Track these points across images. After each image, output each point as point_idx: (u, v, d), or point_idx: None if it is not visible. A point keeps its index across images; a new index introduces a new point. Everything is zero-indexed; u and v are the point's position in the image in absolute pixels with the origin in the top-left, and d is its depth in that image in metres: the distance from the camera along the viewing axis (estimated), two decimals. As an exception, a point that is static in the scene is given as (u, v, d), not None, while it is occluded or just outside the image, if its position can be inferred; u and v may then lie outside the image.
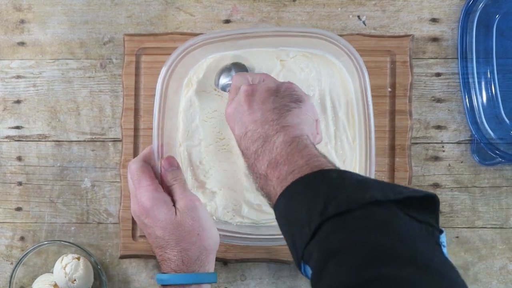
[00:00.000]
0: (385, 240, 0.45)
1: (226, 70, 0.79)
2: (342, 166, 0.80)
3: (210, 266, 0.66)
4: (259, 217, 0.81)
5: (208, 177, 0.81)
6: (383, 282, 0.41)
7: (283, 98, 0.66)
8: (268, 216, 0.80)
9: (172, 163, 0.71)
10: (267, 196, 0.61)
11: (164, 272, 0.67)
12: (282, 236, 0.59)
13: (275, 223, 0.62)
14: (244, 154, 0.66)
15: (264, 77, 0.71)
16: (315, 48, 0.80)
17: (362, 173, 0.77)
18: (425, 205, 0.49)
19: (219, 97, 0.82)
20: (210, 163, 0.81)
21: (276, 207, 0.58)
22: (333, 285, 0.44)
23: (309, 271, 0.50)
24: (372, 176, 0.75)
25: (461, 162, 0.85)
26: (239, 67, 0.78)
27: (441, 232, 0.49)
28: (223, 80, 0.79)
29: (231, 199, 0.81)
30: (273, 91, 0.67)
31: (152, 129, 0.83)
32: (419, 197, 0.49)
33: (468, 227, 0.85)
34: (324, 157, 0.59)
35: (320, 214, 0.49)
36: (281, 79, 0.81)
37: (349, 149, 0.80)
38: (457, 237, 0.85)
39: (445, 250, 0.49)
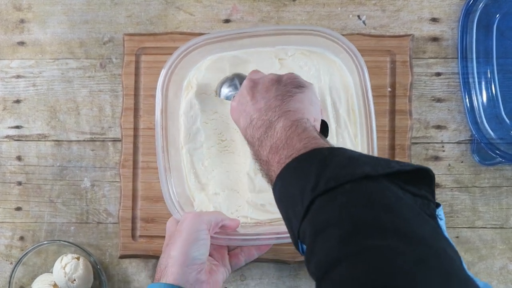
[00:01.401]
0: (371, 212, 0.45)
1: (228, 80, 0.79)
2: None
3: (169, 278, 0.66)
4: (263, 217, 0.80)
5: (211, 179, 0.81)
6: (365, 253, 0.42)
7: (286, 86, 0.67)
8: (272, 215, 0.80)
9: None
10: (270, 182, 0.61)
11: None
12: (286, 234, 0.59)
13: (279, 222, 0.63)
14: (249, 143, 0.66)
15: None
16: (314, 46, 0.80)
17: None
18: (420, 179, 0.49)
19: (219, 99, 0.82)
20: (212, 165, 0.81)
21: (273, 190, 0.58)
22: (321, 259, 0.45)
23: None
24: None
25: (461, 162, 0.85)
26: (241, 77, 0.78)
27: (438, 205, 0.49)
28: (225, 90, 0.78)
29: (234, 200, 0.81)
30: (276, 81, 0.68)
31: (151, 128, 0.84)
32: (412, 170, 0.49)
33: (468, 227, 0.85)
34: (323, 138, 0.59)
35: (312, 190, 0.49)
36: None
37: (351, 146, 0.80)
38: (457, 237, 0.85)
39: (442, 223, 0.49)
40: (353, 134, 0.80)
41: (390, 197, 0.46)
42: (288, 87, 0.67)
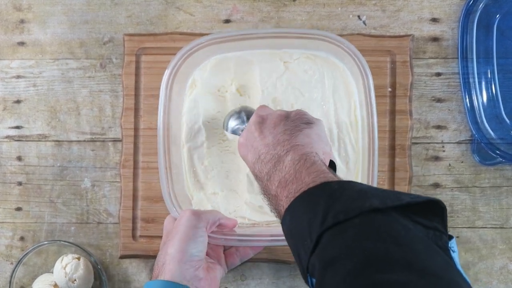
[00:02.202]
0: (381, 245, 0.45)
1: (235, 113, 0.77)
2: (345, 169, 0.80)
3: (166, 275, 0.66)
4: (260, 218, 0.81)
5: (210, 179, 0.81)
6: (376, 287, 0.41)
7: (294, 121, 0.67)
8: (269, 217, 0.80)
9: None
10: (279, 216, 0.60)
11: None
12: (281, 237, 0.59)
13: (276, 224, 0.63)
14: (257, 178, 0.66)
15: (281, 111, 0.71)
16: (319, 50, 0.80)
17: (364, 175, 0.77)
18: (430, 210, 0.49)
19: (222, 98, 0.82)
20: (212, 164, 0.81)
21: (282, 223, 0.58)
22: None
23: None
24: (375, 178, 0.75)
25: (462, 162, 0.85)
26: (248, 111, 0.77)
27: (450, 238, 0.49)
28: (232, 123, 0.77)
29: (232, 201, 0.81)
30: (284, 117, 0.68)
31: (151, 129, 0.84)
32: (422, 202, 0.48)
33: (469, 227, 0.85)
34: (332, 172, 0.59)
35: (320, 224, 0.49)
36: (284, 81, 0.81)
37: (352, 152, 0.80)
38: (457, 237, 0.85)
39: (455, 255, 0.48)
40: (354, 140, 0.80)
41: (400, 229, 0.46)
42: (297, 122, 0.66)
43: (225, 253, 0.76)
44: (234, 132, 0.76)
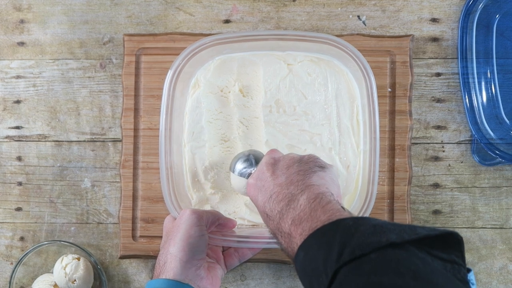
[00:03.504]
0: (399, 280, 0.44)
1: (244, 156, 0.75)
2: (345, 173, 0.80)
3: (169, 274, 0.66)
4: (260, 220, 0.81)
5: (210, 179, 0.81)
6: None
7: (307, 163, 0.66)
8: None
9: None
10: (291, 254, 0.60)
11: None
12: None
13: None
14: (268, 217, 0.64)
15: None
16: (323, 53, 0.80)
17: (365, 177, 0.77)
18: (447, 243, 0.48)
19: (225, 99, 0.82)
20: (213, 165, 0.82)
21: (295, 260, 0.57)
22: None
23: None
24: (376, 180, 0.75)
25: (461, 162, 0.85)
26: (256, 154, 0.76)
27: (468, 270, 0.49)
28: (240, 166, 0.75)
29: (232, 202, 0.81)
30: (297, 160, 0.67)
31: (151, 129, 0.84)
32: (439, 235, 0.48)
33: (468, 227, 0.85)
34: (348, 211, 0.59)
35: (336, 260, 0.49)
36: (288, 83, 0.81)
37: (353, 155, 0.80)
38: (457, 237, 0.85)
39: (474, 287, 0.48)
40: (356, 144, 0.80)
41: (418, 264, 0.46)
42: (310, 164, 0.66)
43: (224, 253, 0.76)
44: (241, 174, 0.74)
